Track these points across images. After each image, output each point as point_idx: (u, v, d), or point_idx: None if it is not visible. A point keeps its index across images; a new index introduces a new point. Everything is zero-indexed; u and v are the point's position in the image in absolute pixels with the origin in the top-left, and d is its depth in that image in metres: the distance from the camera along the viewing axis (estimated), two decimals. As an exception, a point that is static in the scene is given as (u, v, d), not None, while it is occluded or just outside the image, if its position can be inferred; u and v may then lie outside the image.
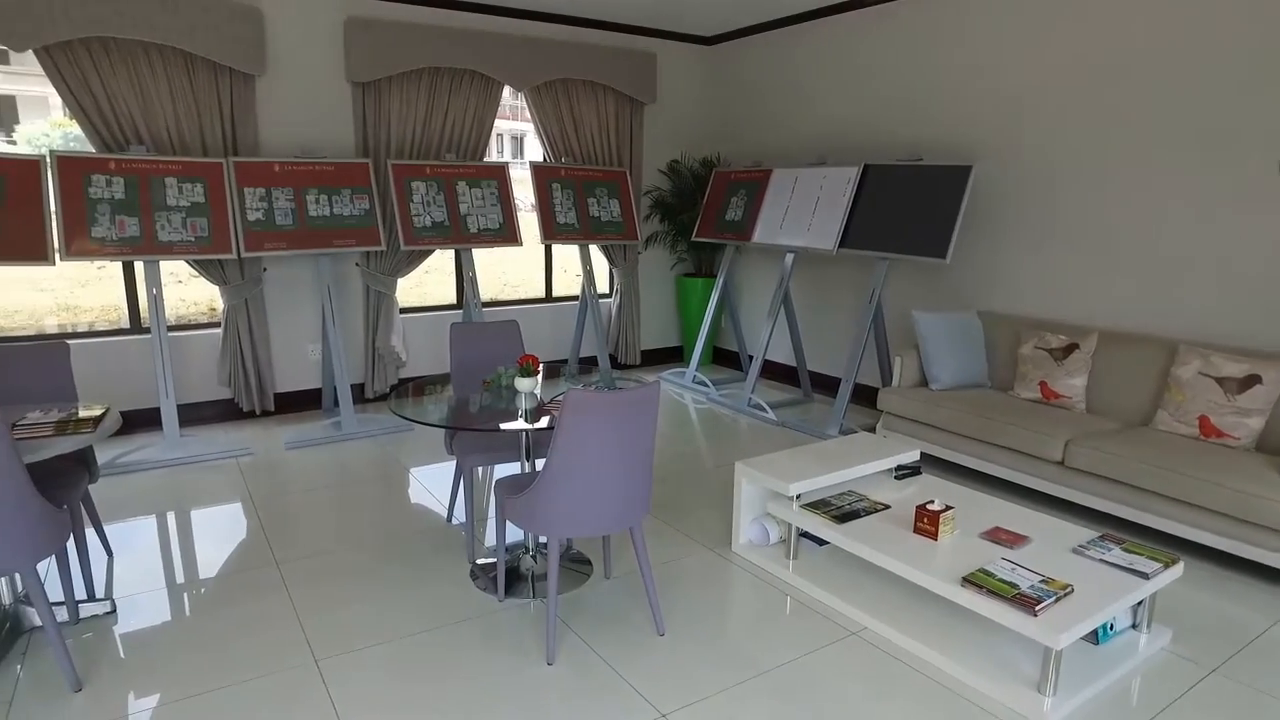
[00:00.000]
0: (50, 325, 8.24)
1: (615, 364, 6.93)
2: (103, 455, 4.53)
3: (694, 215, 6.69)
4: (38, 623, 2.87)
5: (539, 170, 6.10)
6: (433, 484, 4.37)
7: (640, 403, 2.62)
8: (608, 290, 7.07)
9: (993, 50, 4.86)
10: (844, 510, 3.26)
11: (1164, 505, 3.53)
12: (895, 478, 3.64)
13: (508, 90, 6.04)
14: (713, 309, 6.43)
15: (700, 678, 2.64)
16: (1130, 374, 4.14)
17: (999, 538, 2.97)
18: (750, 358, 6.44)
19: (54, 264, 4.49)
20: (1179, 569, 2.80)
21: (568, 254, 6.79)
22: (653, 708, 2.48)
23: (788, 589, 3.23)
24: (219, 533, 3.77)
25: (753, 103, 6.70)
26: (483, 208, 5.72)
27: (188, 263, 5.04)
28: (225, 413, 5.44)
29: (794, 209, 5.70)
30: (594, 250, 6.50)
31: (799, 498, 3.34)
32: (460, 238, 5.59)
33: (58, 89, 4.64)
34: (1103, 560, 2.79)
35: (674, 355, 7.44)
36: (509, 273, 11.45)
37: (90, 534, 3.41)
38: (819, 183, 5.58)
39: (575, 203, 6.18)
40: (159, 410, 4.79)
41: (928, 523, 2.99)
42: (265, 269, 5.34)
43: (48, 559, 2.64)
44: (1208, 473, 3.37)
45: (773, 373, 6.69)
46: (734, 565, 3.43)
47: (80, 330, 5.51)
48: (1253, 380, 3.64)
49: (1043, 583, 2.60)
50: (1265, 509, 3.18)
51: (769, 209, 5.90)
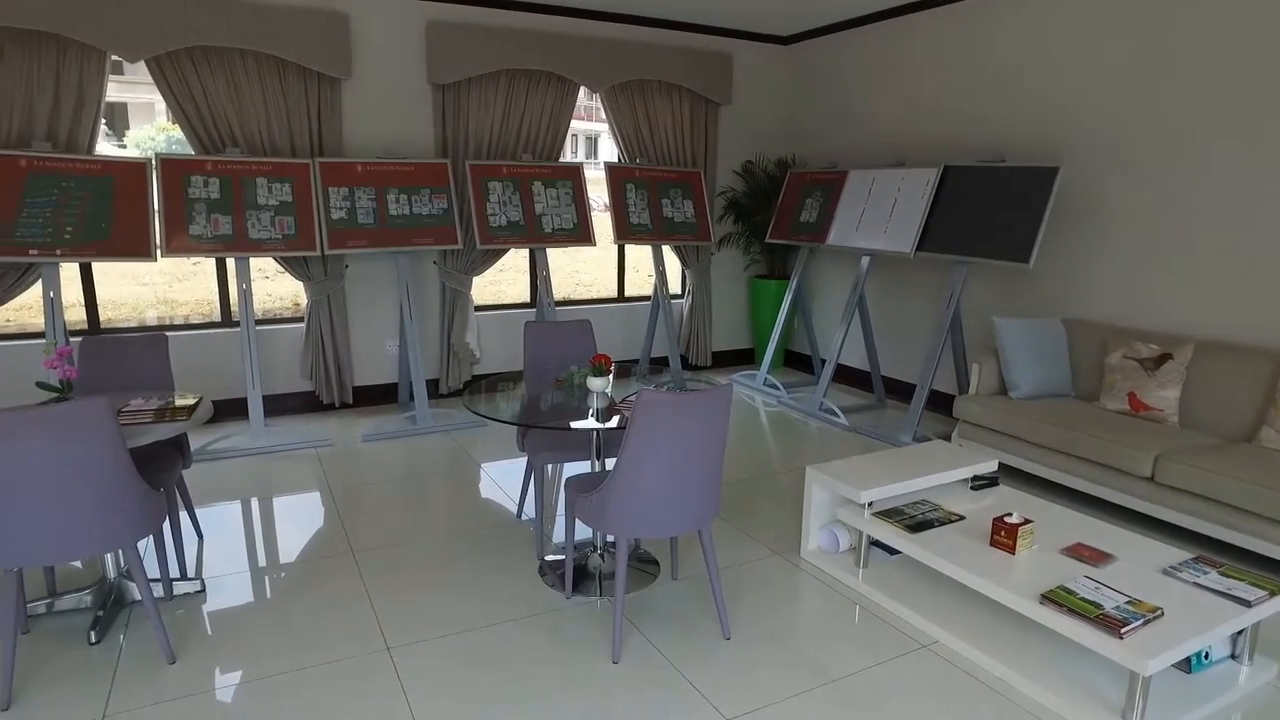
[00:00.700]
0: (150, 318, 8.69)
1: (686, 365, 6.92)
2: (195, 442, 4.75)
3: (768, 217, 6.63)
4: (137, 597, 3.04)
5: (614, 171, 6.14)
6: (503, 479, 4.44)
7: (712, 405, 2.61)
8: (680, 291, 7.07)
9: (1080, 45, 4.67)
10: (917, 520, 3.19)
11: (1269, 528, 3.32)
12: (971, 488, 3.53)
13: (583, 91, 6.10)
14: (785, 311, 6.37)
15: (765, 683, 2.62)
16: (1231, 387, 3.92)
17: (1081, 554, 2.86)
18: (822, 361, 6.35)
19: (155, 260, 4.74)
20: (1283, 596, 2.64)
21: (640, 254, 6.82)
22: (717, 711, 2.47)
23: (857, 597, 3.17)
24: (299, 520, 3.92)
25: (829, 103, 6.60)
26: (557, 208, 5.79)
27: (275, 259, 5.25)
28: (306, 404, 5.64)
29: (870, 211, 5.59)
30: (667, 251, 6.50)
31: (871, 505, 3.28)
32: (535, 237, 5.67)
33: (163, 95, 4.89)
34: (1197, 584, 2.65)
35: (745, 357, 7.39)
36: (582, 272, 11.56)
37: (183, 516, 3.58)
38: (897, 184, 5.46)
39: (649, 203, 6.20)
40: (246, 400, 5.00)
41: (1005, 536, 2.90)
42: (347, 266, 5.52)
43: (146, 538, 2.78)
44: (1314, 494, 3.17)
45: (845, 377, 6.58)
46: (802, 571, 3.39)
47: (176, 323, 5.79)
48: (1367, 397, 3.41)
49: (1129, 604, 2.48)
50: (1378, 535, 2.98)
51: (844, 211, 5.81)
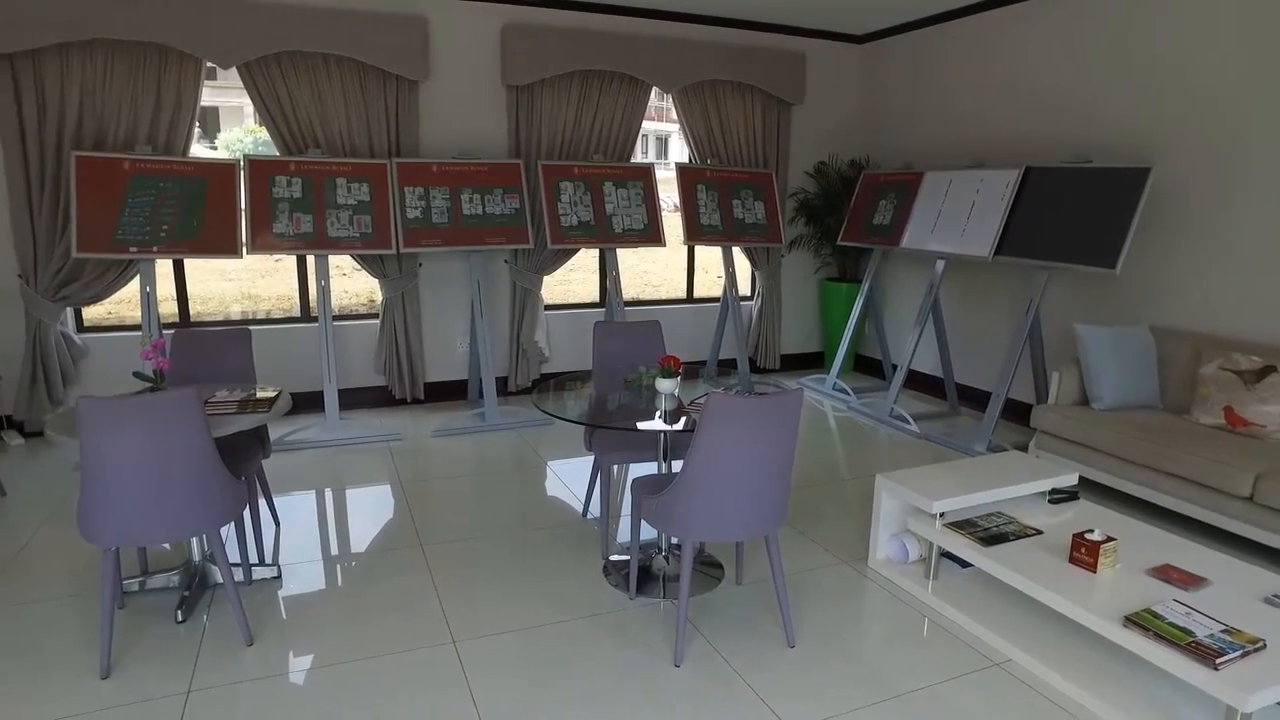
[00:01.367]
0: (235, 312, 9.05)
1: (754, 367, 6.86)
2: (273, 433, 4.92)
3: (840, 218, 6.52)
4: (219, 580, 3.17)
5: (684, 171, 6.12)
6: (569, 478, 4.47)
7: (782, 410, 2.57)
8: (749, 293, 7.01)
9: (1173, 40, 4.45)
10: (991, 532, 3.09)
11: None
12: (1049, 501, 3.40)
13: (654, 91, 6.10)
14: (856, 315, 6.25)
15: (829, 694, 2.57)
16: (1336, 403, 3.68)
17: (1170, 577, 2.72)
18: (894, 367, 6.21)
19: (241, 257, 4.93)
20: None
21: (710, 255, 6.79)
22: (781, 721, 2.44)
23: (926, 610, 3.09)
24: (370, 511, 4.02)
25: (905, 103, 6.46)
26: (628, 208, 5.81)
27: (352, 257, 5.41)
28: (379, 399, 5.79)
29: (947, 213, 5.44)
30: (736, 252, 6.45)
31: (943, 516, 3.19)
32: (605, 237, 5.70)
33: (252, 99, 5.08)
34: (1299, 612, 2.49)
35: (814, 361, 7.29)
36: (651, 272, 11.58)
37: (261, 504, 3.70)
38: (975, 186, 5.30)
39: (719, 204, 6.17)
40: (322, 394, 5.15)
41: (1086, 553, 2.78)
42: (421, 264, 5.64)
43: (228, 525, 2.89)
44: None
45: (917, 383, 6.42)
46: (869, 581, 3.32)
47: (259, 317, 6.01)
48: None
49: (1225, 633, 2.35)
50: None
51: (920, 213, 5.67)
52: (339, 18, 5.05)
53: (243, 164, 4.96)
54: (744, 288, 6.96)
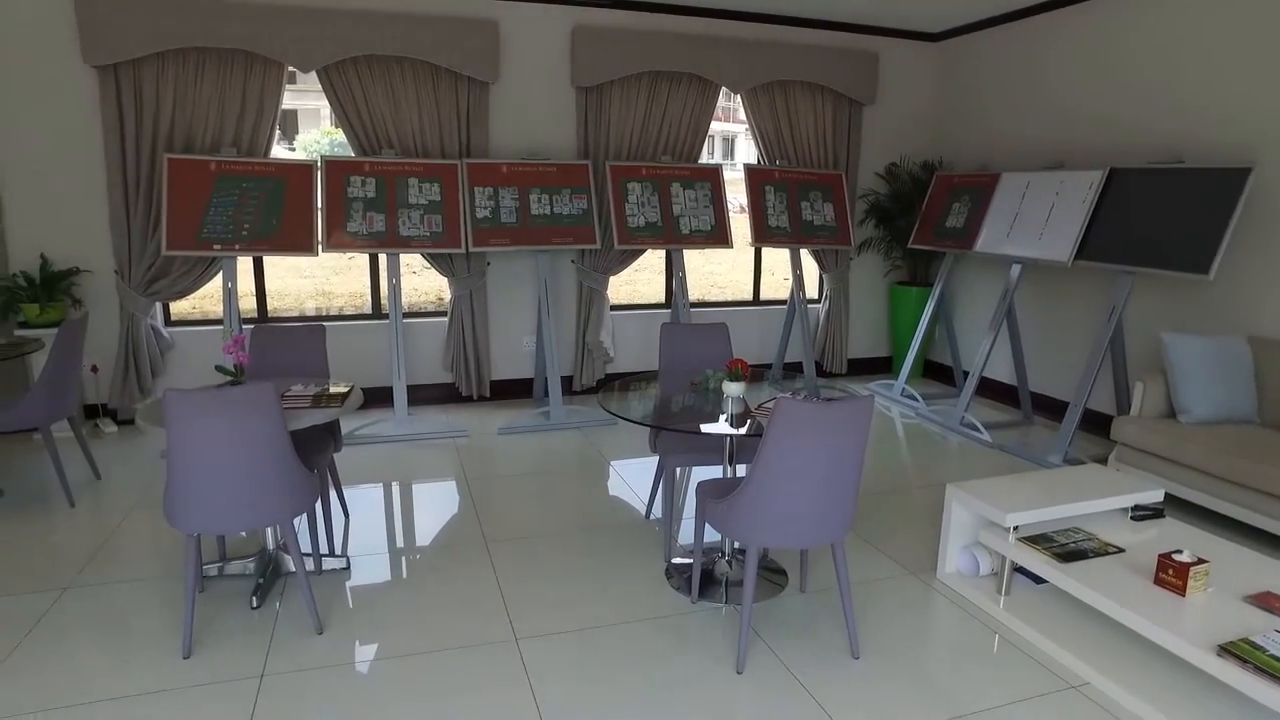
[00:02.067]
0: (309, 308, 9.34)
1: (821, 371, 6.76)
2: (344, 427, 5.05)
3: (911, 221, 6.38)
4: (291, 569, 3.26)
5: (753, 172, 6.07)
6: (632, 478, 4.47)
7: (852, 416, 2.51)
8: (817, 296, 6.91)
9: (1274, 30, 4.21)
10: (1068, 548, 2.97)
11: None
12: (1131, 518, 3.26)
13: (723, 92, 6.06)
14: (927, 320, 6.10)
15: (894, 709, 2.50)
16: None
17: (1272, 605, 2.56)
18: (965, 373, 6.04)
19: (317, 254, 5.08)
20: None
21: (777, 257, 6.71)
22: (846, 734, 2.39)
23: (997, 626, 2.99)
24: (436, 506, 4.09)
25: (980, 102, 6.27)
26: (695, 209, 5.79)
27: (422, 255, 5.51)
28: (446, 396, 5.89)
29: (1024, 216, 5.27)
30: (804, 254, 6.37)
31: (1016, 529, 3.08)
32: (672, 238, 5.69)
33: (330, 102, 5.23)
34: None
35: (882, 366, 7.14)
36: (717, 274, 11.52)
37: (332, 496, 3.80)
38: (1054, 188, 5.12)
39: (788, 206, 6.09)
40: (391, 389, 5.27)
41: (1174, 575, 2.65)
42: (489, 263, 5.72)
43: (301, 516, 2.97)
44: None
45: (989, 391, 6.23)
46: (937, 593, 3.23)
47: (332, 314, 6.18)
48: None
49: (1328, 663, 2.21)
50: None
51: (995, 216, 5.50)
52: (413, 22, 5.15)
53: (320, 165, 5.11)
54: (811, 290, 6.86)
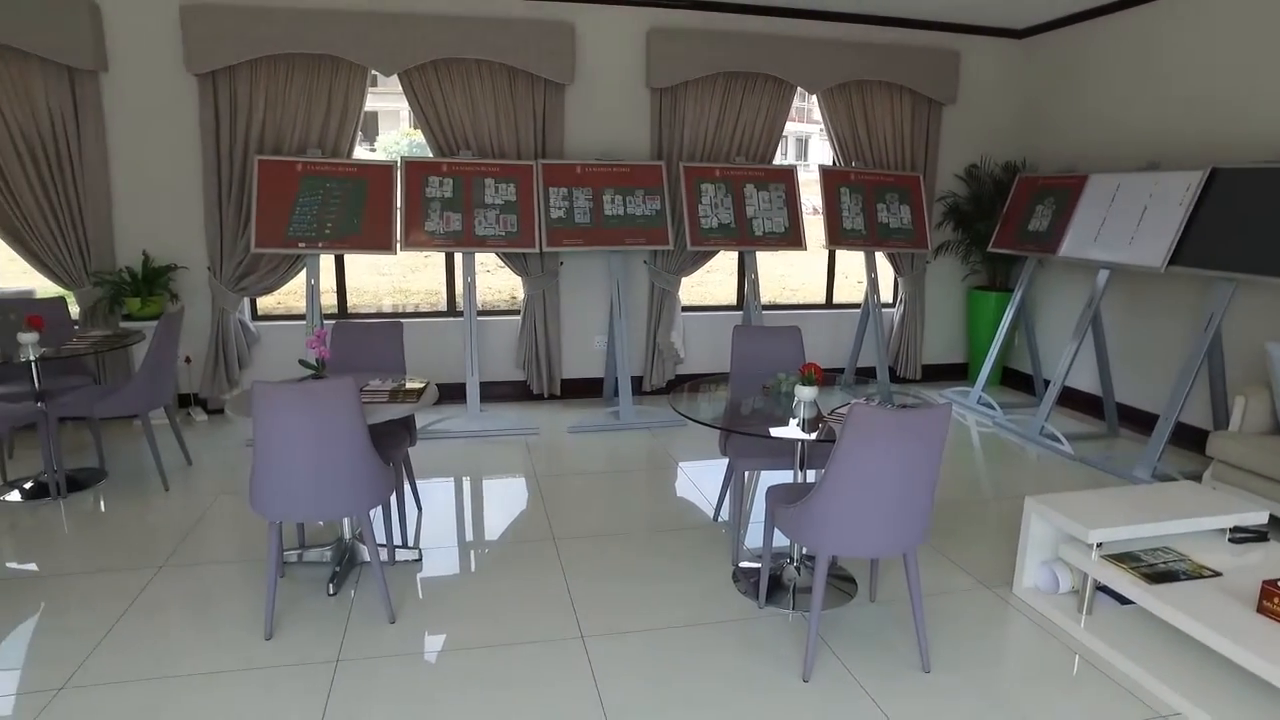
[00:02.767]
0: (386, 305, 9.60)
1: (894, 377, 6.62)
2: (418, 421, 5.16)
3: (991, 224, 6.19)
4: (366, 558, 3.35)
5: (828, 174, 5.98)
6: (701, 480, 4.46)
7: (929, 424, 2.45)
8: (891, 300, 6.77)
9: None
10: (1158, 569, 2.83)
11: None
12: (1230, 540, 3.09)
13: (798, 92, 5.99)
14: (1006, 326, 5.91)
15: (971, 727, 2.43)
16: None
17: (1379, 633, 2.41)
18: (1046, 382, 5.84)
19: (395, 253, 5.22)
20: None
21: (851, 260, 6.60)
22: (916, 749, 2.33)
23: (1077, 646, 2.87)
24: (505, 502, 4.15)
25: (1068, 101, 6.04)
26: (769, 211, 5.74)
27: (497, 255, 5.61)
28: (517, 393, 5.98)
29: (1113, 220, 5.05)
30: (879, 257, 6.25)
31: (1100, 546, 2.95)
32: (745, 240, 5.66)
33: (410, 104, 5.37)
34: None
35: (958, 372, 6.95)
36: (789, 276, 11.40)
37: (406, 489, 3.89)
38: (1148, 190, 4.89)
39: (863, 208, 5.99)
40: (464, 386, 5.37)
41: None
42: (562, 263, 5.78)
43: (377, 507, 3.05)
44: None
45: (1072, 401, 6.00)
46: (1013, 609, 3.12)
47: (408, 310, 6.33)
48: None
49: None
50: None
51: (1081, 219, 5.29)
52: (492, 26, 5.25)
53: (399, 165, 5.25)
54: (886, 294, 6.73)
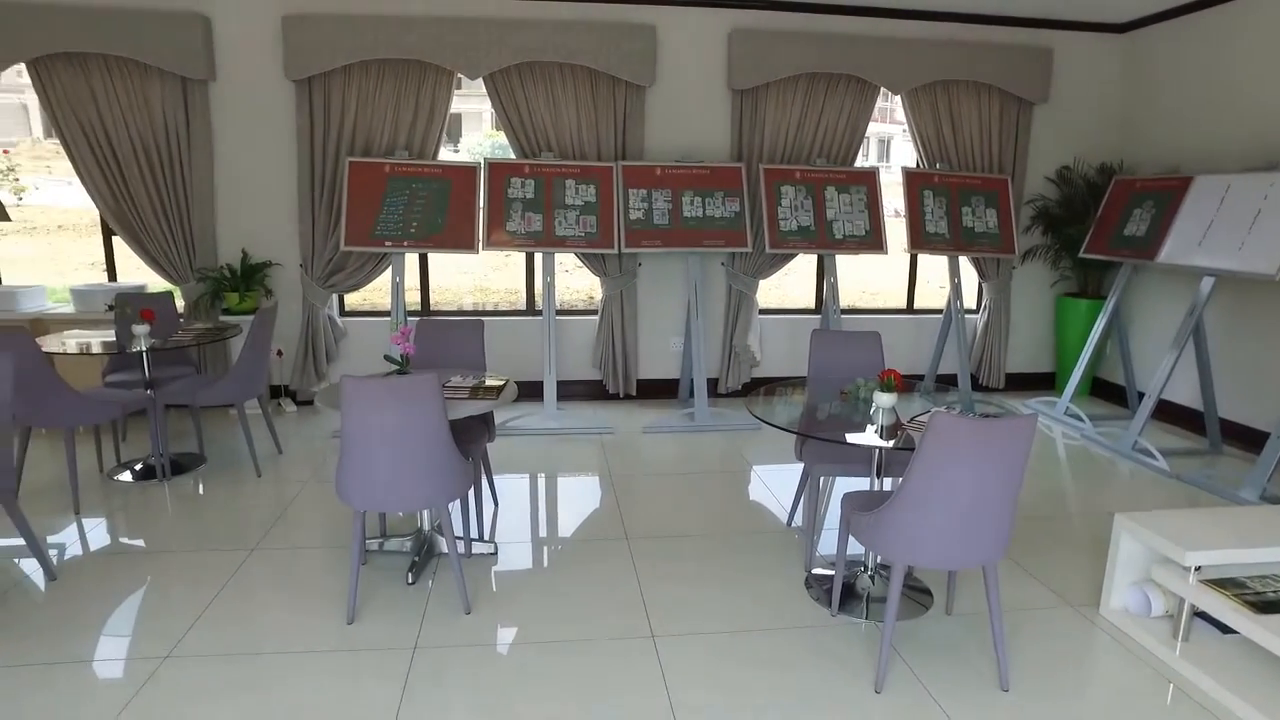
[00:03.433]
0: (467, 303, 9.83)
1: (976, 385, 6.43)
2: (496, 418, 5.28)
3: (1083, 228, 5.94)
4: (444, 550, 3.45)
5: (911, 176, 5.85)
6: (775, 484, 4.43)
7: (1013, 435, 2.38)
8: (975, 305, 6.58)
9: None
10: (1266, 597, 2.68)
11: None
12: (1345, 568, 2.90)
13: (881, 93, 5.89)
14: (1097, 335, 5.67)
15: (1052, 750, 2.35)
16: None
17: None
18: (1140, 394, 5.58)
19: (478, 252, 5.35)
20: None
21: (933, 264, 6.44)
22: (993, 769, 2.27)
23: (1171, 675, 2.73)
24: (579, 499, 4.21)
25: (1173, 98, 5.75)
26: (850, 214, 5.66)
27: (576, 255, 5.68)
28: (593, 392, 6.04)
29: (1220, 224, 4.79)
30: (964, 262, 6.08)
31: (1199, 569, 2.81)
32: (825, 243, 5.59)
33: (493, 105, 5.49)
34: None
35: (1044, 382, 6.70)
36: (867, 279, 11.18)
37: (483, 484, 3.98)
38: (1262, 192, 4.62)
39: (948, 211, 5.84)
40: (541, 384, 5.46)
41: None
42: (640, 264, 5.82)
43: (456, 501, 3.13)
44: None
45: (1168, 414, 5.71)
46: (1099, 630, 3.00)
47: (488, 309, 6.48)
48: None
49: None
50: None
51: (1184, 223, 5.03)
52: (575, 29, 5.32)
53: (483, 167, 5.37)
54: (969, 300, 6.54)
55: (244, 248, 5.47)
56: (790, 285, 7.88)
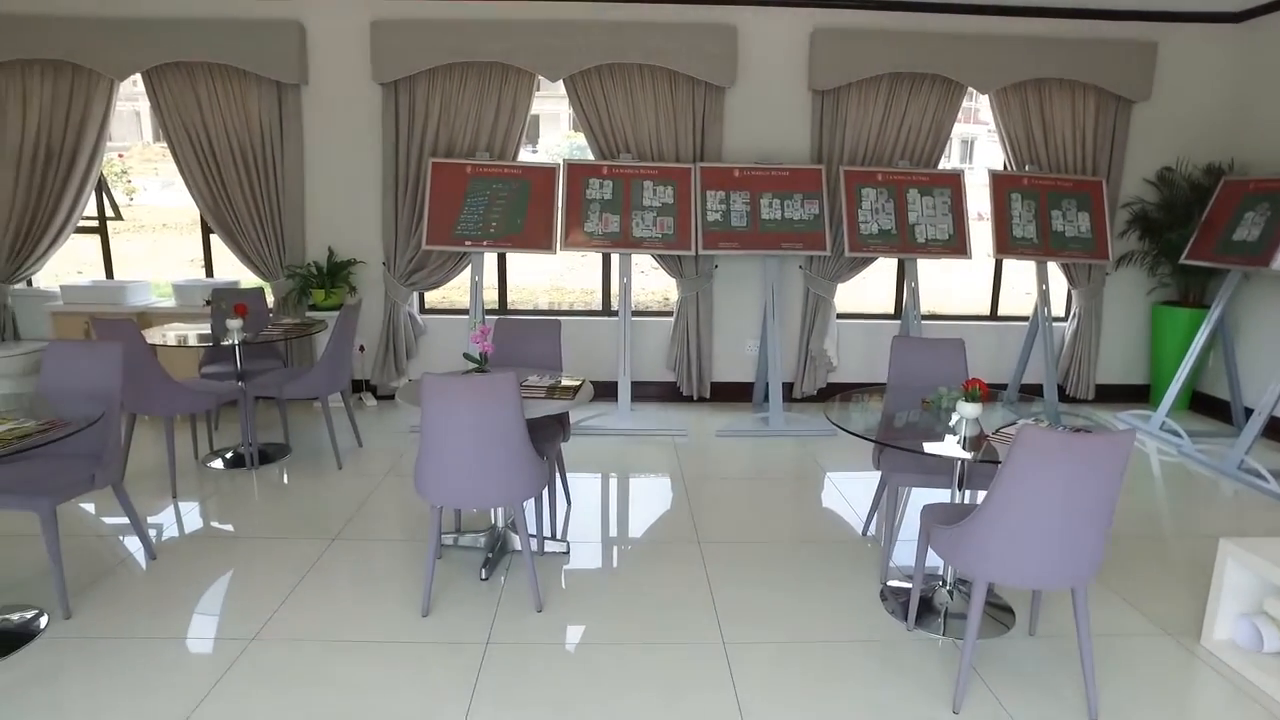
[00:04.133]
0: (542, 303, 9.95)
1: (1063, 397, 6.17)
2: (570, 417, 5.32)
3: (1185, 233, 5.63)
4: (517, 547, 3.49)
5: (998, 179, 5.65)
6: (849, 492, 4.34)
7: (1108, 451, 2.27)
8: (1063, 313, 6.32)
9: None
10: (1387, 631, 2.48)
11: None
12: None
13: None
14: (1199, 346, 5.36)
15: (1145, 785, 2.23)
16: None
17: None
18: (1248, 410, 5.25)
19: (555, 253, 5.40)
20: None
21: (1018, 269, 6.21)
22: (1079, 800, 2.16)
23: (1284, 713, 2.56)
24: (651, 502, 4.20)
25: (1292, 96, 5.40)
26: (933, 217, 5.50)
27: (652, 256, 5.68)
28: (667, 394, 6.03)
29: (1340, 231, 4.47)
30: (1052, 268, 5.84)
31: (1316, 601, 2.62)
32: (906, 247, 5.45)
33: (572, 107, 5.54)
34: None
35: (1137, 394, 6.38)
36: (949, 285, 10.87)
37: (557, 483, 4.01)
38: (1387, 198, 4.30)
39: (1036, 215, 5.61)
40: (614, 384, 5.48)
41: None
42: (716, 266, 5.78)
43: (531, 499, 3.16)
44: None
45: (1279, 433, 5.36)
46: (1201, 662, 2.83)
47: (563, 308, 6.54)
48: None
49: None
50: None
51: (1300, 229, 4.72)
52: (656, 31, 5.32)
53: (562, 168, 5.42)
54: (1057, 307, 6.27)
55: (330, 246, 5.66)
56: (868, 289, 7.72)
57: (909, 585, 3.11)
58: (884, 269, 6.31)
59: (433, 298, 6.26)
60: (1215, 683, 2.72)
